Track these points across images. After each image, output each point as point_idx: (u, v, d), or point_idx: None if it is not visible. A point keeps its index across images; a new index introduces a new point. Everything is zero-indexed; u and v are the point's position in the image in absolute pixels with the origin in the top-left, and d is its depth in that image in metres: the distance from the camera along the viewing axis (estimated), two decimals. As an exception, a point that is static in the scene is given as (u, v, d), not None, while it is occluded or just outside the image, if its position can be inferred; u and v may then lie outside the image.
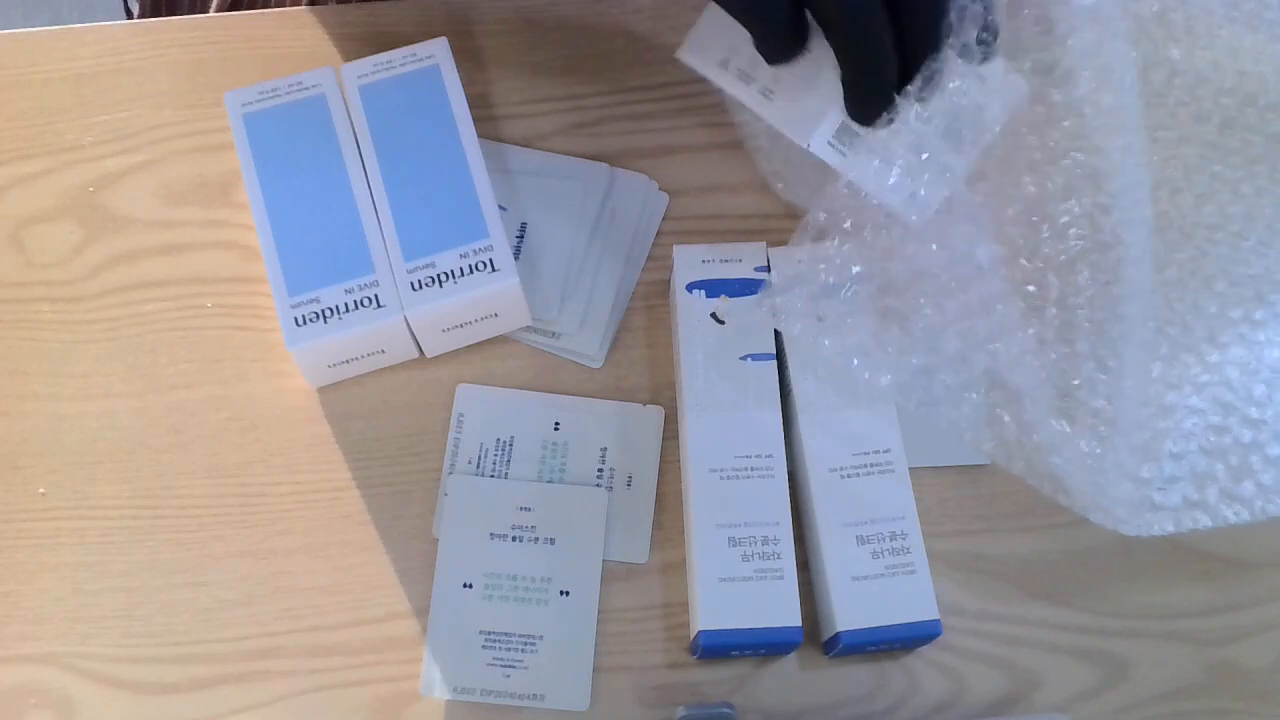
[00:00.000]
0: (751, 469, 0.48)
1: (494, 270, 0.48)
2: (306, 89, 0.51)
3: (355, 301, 0.48)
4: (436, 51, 0.52)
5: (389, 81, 0.51)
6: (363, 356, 0.50)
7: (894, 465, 0.49)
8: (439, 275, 0.48)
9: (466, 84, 0.56)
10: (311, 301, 0.48)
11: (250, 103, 0.51)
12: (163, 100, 0.57)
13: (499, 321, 0.51)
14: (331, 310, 0.48)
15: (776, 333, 0.50)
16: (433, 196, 0.49)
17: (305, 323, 0.48)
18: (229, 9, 0.63)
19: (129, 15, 0.74)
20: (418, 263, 0.48)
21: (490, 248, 0.49)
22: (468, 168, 0.50)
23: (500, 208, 0.50)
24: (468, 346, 0.53)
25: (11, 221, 0.55)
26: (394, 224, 0.49)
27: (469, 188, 0.49)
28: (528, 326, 0.53)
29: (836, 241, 0.52)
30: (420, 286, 0.48)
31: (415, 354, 0.52)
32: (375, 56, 0.52)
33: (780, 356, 0.51)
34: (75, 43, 0.57)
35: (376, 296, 0.48)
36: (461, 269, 0.48)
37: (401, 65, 0.52)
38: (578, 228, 0.54)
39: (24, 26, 0.58)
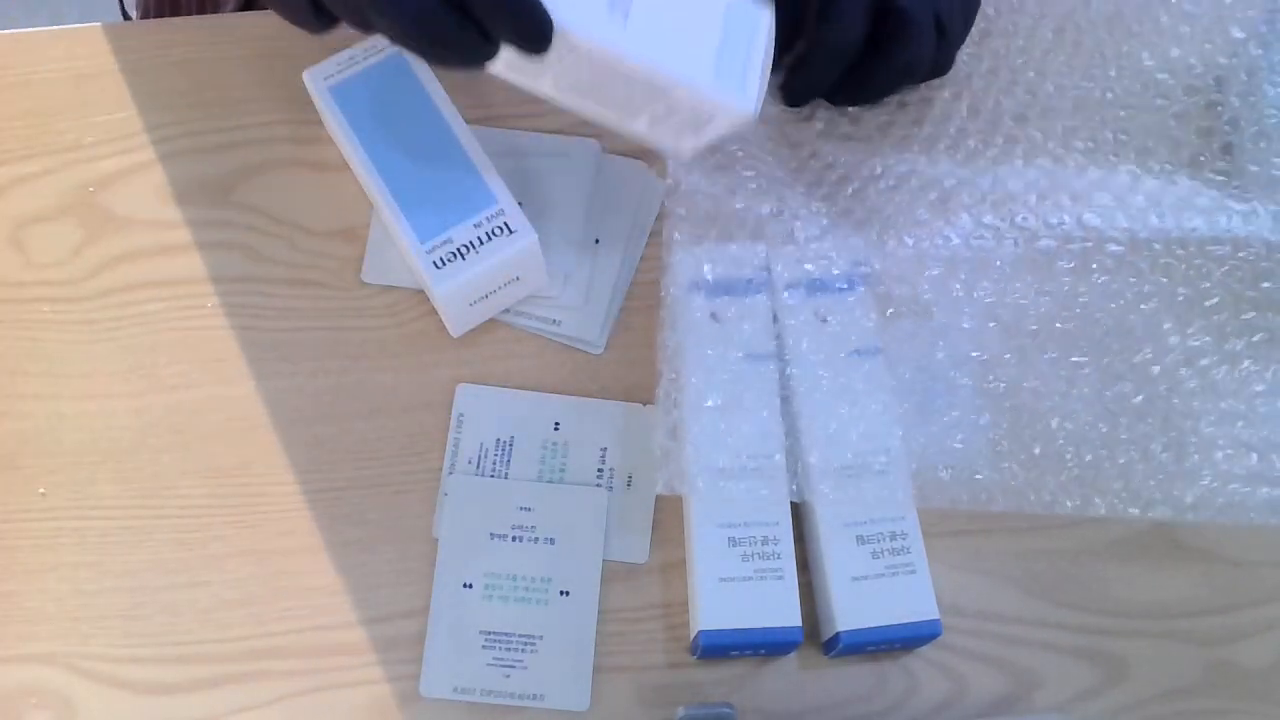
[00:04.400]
0: (752, 469, 0.48)
1: (511, 233, 0.49)
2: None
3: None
4: None
5: (356, 77, 0.52)
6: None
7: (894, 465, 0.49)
8: (459, 249, 0.49)
9: (466, 84, 0.56)
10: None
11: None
12: (163, 100, 0.57)
13: (520, 285, 0.52)
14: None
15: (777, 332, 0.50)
16: (431, 177, 0.50)
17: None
18: (244, 9, 0.62)
19: (125, 18, 0.74)
20: (434, 242, 0.49)
21: (502, 212, 0.49)
22: (458, 142, 0.51)
23: None
24: (468, 346, 0.53)
25: (11, 221, 0.55)
26: (400, 212, 0.49)
27: (465, 161, 0.50)
28: (530, 314, 0.53)
29: (832, 239, 0.52)
30: (443, 263, 0.49)
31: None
32: (336, 56, 0.52)
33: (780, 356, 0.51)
34: (75, 43, 0.57)
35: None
36: (479, 238, 0.49)
37: (365, 59, 0.52)
38: (574, 202, 0.54)
39: (24, 26, 0.58)
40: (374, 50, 0.52)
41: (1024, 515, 0.51)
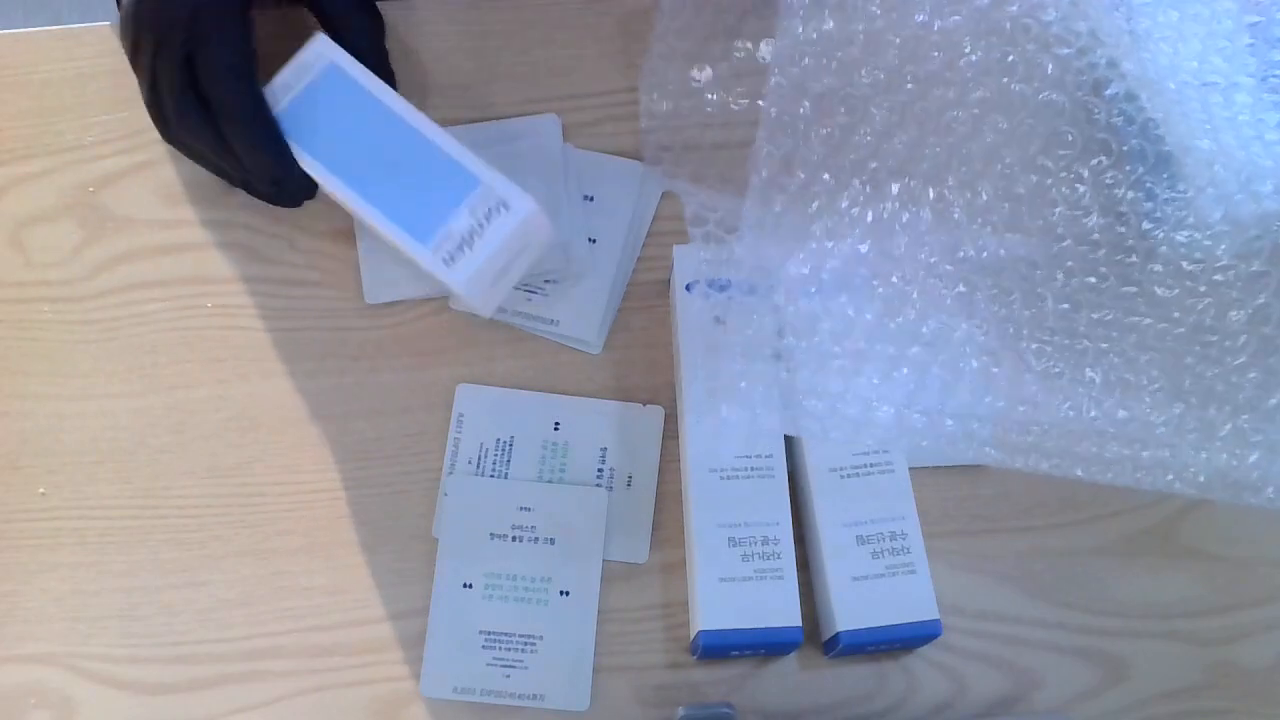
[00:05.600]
0: (751, 469, 0.48)
1: (507, 208, 0.48)
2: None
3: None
4: (324, 50, 0.50)
5: (298, 100, 0.50)
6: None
7: (894, 465, 0.49)
8: (462, 239, 0.48)
9: (465, 85, 0.56)
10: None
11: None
12: (163, 100, 0.57)
13: (531, 251, 0.50)
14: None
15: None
16: (408, 178, 0.49)
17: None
18: None
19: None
20: (436, 240, 0.48)
21: (491, 189, 0.48)
22: (421, 135, 0.49)
23: None
24: (468, 346, 0.53)
25: (11, 221, 0.55)
26: (390, 222, 0.48)
27: (434, 151, 0.49)
28: (530, 314, 0.53)
29: (834, 241, 0.52)
30: (453, 259, 0.48)
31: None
32: (271, 83, 0.50)
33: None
34: (75, 43, 0.57)
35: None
36: (478, 222, 0.48)
37: (298, 81, 0.50)
38: (548, 173, 0.54)
39: (24, 26, 0.58)
40: (305, 70, 0.50)
41: (1024, 515, 0.51)
